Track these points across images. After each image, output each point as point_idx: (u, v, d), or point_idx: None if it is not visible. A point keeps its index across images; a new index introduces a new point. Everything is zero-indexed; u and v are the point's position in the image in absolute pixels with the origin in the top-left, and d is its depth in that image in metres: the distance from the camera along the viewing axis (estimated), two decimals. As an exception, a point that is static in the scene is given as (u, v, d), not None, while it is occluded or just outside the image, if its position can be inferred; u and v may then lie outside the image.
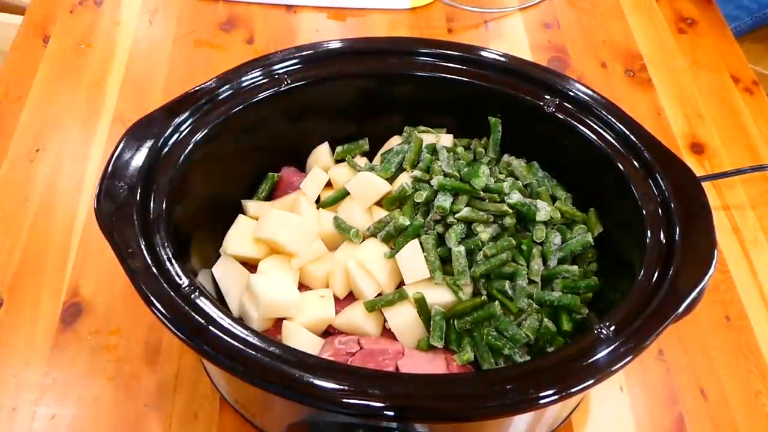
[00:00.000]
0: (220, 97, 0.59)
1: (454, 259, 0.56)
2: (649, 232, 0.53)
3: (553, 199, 0.63)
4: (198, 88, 0.59)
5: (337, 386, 0.44)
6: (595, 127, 0.59)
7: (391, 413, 0.43)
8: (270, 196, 0.66)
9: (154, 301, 0.46)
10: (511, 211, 0.59)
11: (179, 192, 0.55)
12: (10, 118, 0.81)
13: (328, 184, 0.65)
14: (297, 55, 0.63)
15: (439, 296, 0.57)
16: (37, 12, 0.94)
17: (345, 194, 0.63)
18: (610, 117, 0.59)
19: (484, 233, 0.58)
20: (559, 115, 0.60)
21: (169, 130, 0.56)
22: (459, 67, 0.62)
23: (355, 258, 0.58)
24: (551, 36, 0.93)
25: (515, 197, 0.60)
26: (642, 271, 0.51)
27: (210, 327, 0.46)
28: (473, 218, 0.58)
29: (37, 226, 0.72)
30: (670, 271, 0.50)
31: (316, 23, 0.95)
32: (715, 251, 0.51)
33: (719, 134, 0.82)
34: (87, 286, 0.68)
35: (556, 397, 0.44)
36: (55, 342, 0.64)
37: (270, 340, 0.46)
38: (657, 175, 0.55)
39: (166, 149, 0.56)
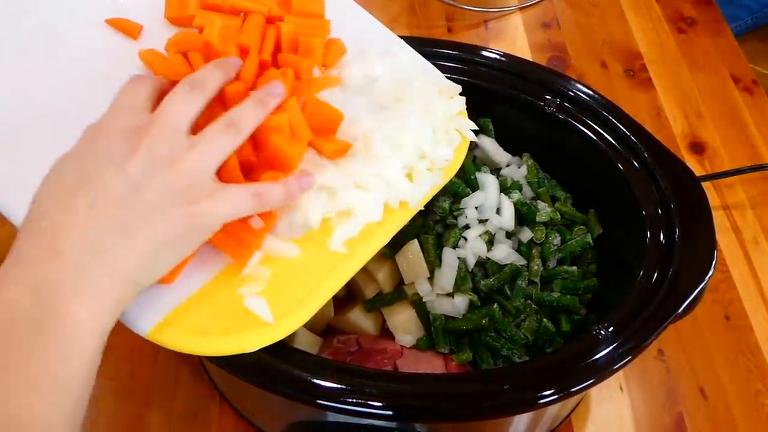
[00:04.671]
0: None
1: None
2: (649, 232, 0.53)
3: (553, 199, 0.63)
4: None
5: (337, 386, 0.44)
6: (595, 127, 0.59)
7: (390, 413, 0.43)
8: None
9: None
10: (510, 211, 0.59)
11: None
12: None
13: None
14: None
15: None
16: None
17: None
18: (610, 117, 0.59)
19: (485, 235, 0.58)
20: (560, 115, 0.60)
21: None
22: (459, 67, 0.62)
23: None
24: (551, 36, 0.92)
25: (515, 197, 0.60)
26: (642, 272, 0.51)
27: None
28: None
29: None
30: (670, 272, 0.50)
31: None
32: (715, 251, 0.51)
33: (719, 134, 0.82)
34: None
35: (555, 397, 0.44)
36: (55, 342, 0.64)
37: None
38: (657, 175, 0.56)
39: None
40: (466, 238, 0.58)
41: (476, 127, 0.57)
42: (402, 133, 0.49)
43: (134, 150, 0.38)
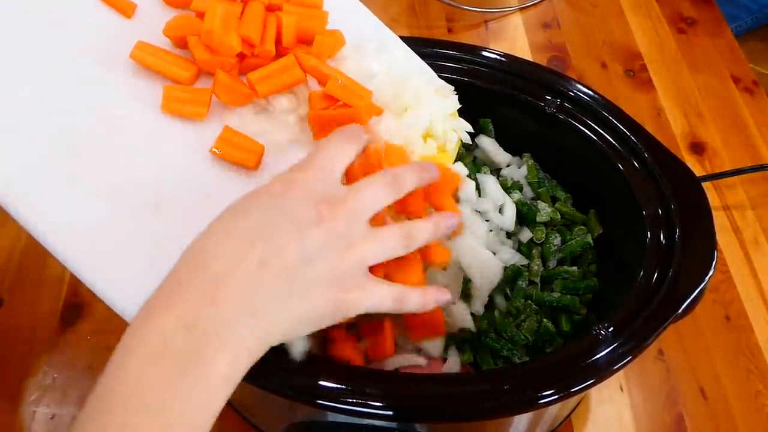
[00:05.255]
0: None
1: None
2: (649, 232, 0.53)
3: (554, 199, 0.63)
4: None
5: (337, 386, 0.44)
6: (596, 127, 0.59)
7: (390, 413, 0.43)
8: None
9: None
10: (511, 211, 0.59)
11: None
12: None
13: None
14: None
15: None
16: None
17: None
18: (610, 117, 0.59)
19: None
20: (560, 116, 0.60)
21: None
22: (459, 67, 0.62)
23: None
24: (551, 36, 0.92)
25: (516, 197, 0.60)
26: (642, 272, 0.51)
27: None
28: (473, 218, 0.58)
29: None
30: (670, 272, 0.50)
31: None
32: (715, 252, 0.51)
33: (719, 134, 0.82)
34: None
35: (555, 397, 0.44)
36: (55, 342, 0.64)
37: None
38: (657, 176, 0.55)
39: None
40: (466, 239, 0.58)
41: (471, 129, 0.57)
42: (404, 132, 0.50)
43: (319, 222, 0.38)
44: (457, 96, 0.57)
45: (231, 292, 0.36)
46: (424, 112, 0.53)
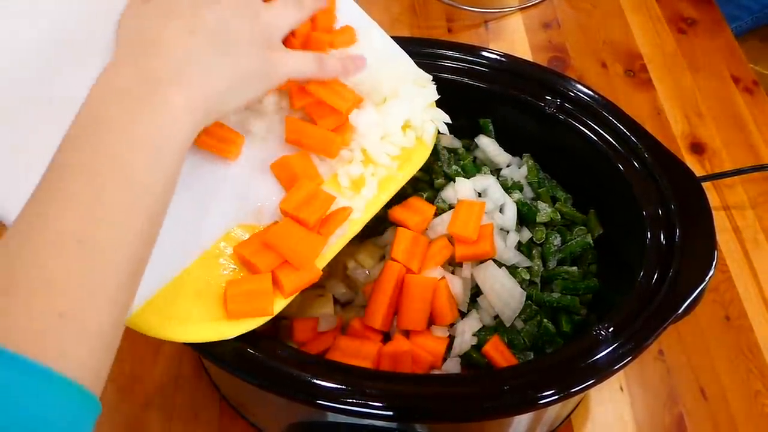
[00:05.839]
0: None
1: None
2: (649, 232, 0.53)
3: (554, 200, 0.63)
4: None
5: (337, 386, 0.44)
6: (596, 127, 0.59)
7: (390, 413, 0.43)
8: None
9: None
10: (511, 211, 0.59)
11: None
12: None
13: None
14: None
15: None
16: None
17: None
18: (610, 117, 0.59)
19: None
20: (560, 116, 0.60)
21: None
22: (459, 67, 0.62)
23: (354, 258, 0.58)
24: (551, 36, 0.92)
25: (516, 197, 0.60)
26: (642, 272, 0.51)
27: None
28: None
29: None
30: (670, 272, 0.50)
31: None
32: (715, 252, 0.51)
33: (719, 134, 0.82)
34: (87, 286, 0.67)
35: (555, 397, 0.44)
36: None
37: (270, 340, 0.46)
38: (657, 176, 0.55)
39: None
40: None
41: (449, 119, 0.57)
42: (384, 123, 0.50)
43: None
44: (435, 86, 0.57)
45: (169, 51, 0.39)
46: (403, 103, 0.53)
